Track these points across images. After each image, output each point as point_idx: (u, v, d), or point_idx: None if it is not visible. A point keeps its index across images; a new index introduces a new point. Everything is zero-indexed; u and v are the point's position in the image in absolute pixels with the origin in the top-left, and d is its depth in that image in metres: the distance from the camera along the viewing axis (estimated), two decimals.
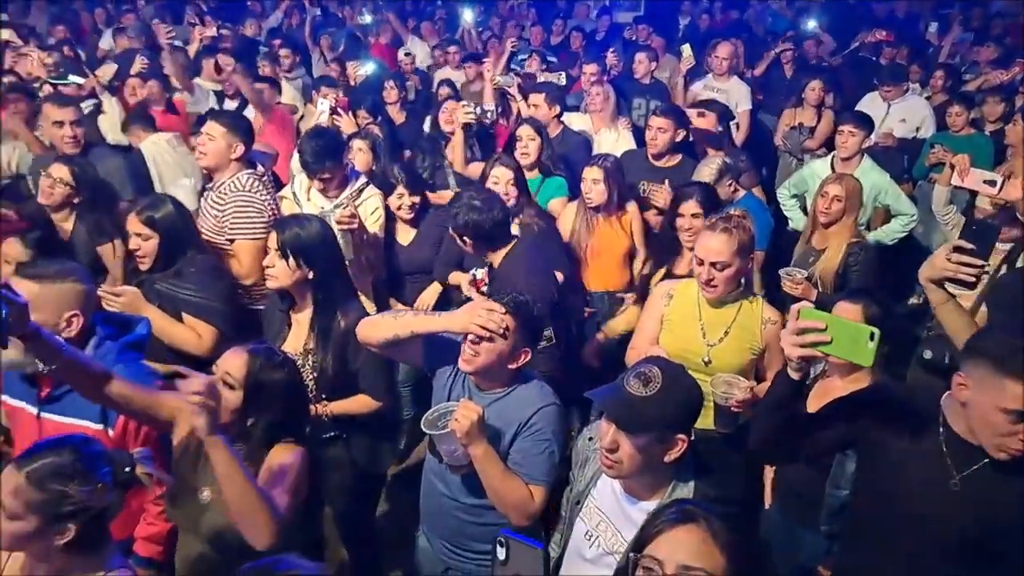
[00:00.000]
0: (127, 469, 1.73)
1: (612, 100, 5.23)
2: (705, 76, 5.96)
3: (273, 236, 2.64)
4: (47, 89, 5.04)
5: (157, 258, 2.87)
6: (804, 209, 4.58)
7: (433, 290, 3.72)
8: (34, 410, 2.24)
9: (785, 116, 5.82)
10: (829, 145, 5.18)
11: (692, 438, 1.83)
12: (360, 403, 2.69)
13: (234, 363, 2.02)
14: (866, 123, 4.42)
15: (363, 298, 3.31)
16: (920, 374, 3.25)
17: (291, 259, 2.59)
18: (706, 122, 4.55)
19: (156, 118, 5.06)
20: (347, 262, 3.20)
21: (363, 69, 6.26)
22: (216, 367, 2.04)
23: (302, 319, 2.69)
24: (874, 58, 7.54)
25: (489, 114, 4.64)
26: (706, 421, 2.52)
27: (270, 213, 3.42)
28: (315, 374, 2.61)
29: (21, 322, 1.74)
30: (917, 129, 5.59)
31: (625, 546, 1.71)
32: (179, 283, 2.87)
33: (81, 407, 2.14)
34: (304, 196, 3.67)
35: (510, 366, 2.21)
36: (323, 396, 2.64)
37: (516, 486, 2.13)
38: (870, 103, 5.66)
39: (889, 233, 4.32)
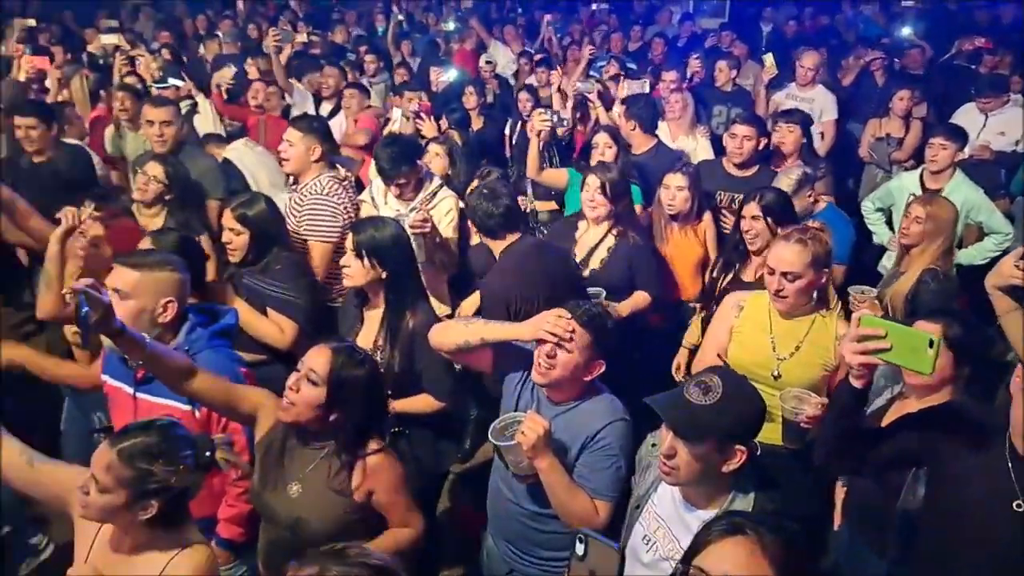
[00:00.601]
0: (207, 453, 1.83)
1: (691, 108, 5.19)
2: (788, 85, 5.83)
3: (350, 237, 2.75)
4: (154, 91, 5.35)
5: (247, 252, 3.04)
6: (890, 223, 4.43)
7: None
8: (131, 390, 2.40)
9: (870, 126, 5.63)
10: (920, 157, 4.98)
11: (758, 451, 1.81)
12: (423, 402, 2.76)
13: (318, 360, 2.08)
14: (958, 136, 4.24)
15: (436, 301, 3.39)
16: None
17: (366, 259, 2.69)
18: (791, 139, 4.37)
19: (268, 123, 5.31)
20: (419, 265, 3.30)
21: (446, 76, 6.38)
22: (301, 363, 2.11)
23: (373, 317, 2.78)
24: (972, 67, 7.20)
25: (565, 122, 4.66)
26: (773, 436, 2.48)
27: (345, 217, 3.54)
28: (382, 371, 2.68)
29: (107, 320, 1.86)
30: (1017, 142, 5.30)
31: (680, 553, 1.71)
32: (264, 278, 3.02)
33: None
34: (382, 200, 3.79)
35: (584, 378, 2.22)
36: (388, 393, 2.71)
37: (581, 500, 2.13)
38: (966, 114, 5.41)
39: (981, 252, 4.12)
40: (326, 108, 5.98)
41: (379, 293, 2.77)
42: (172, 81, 5.59)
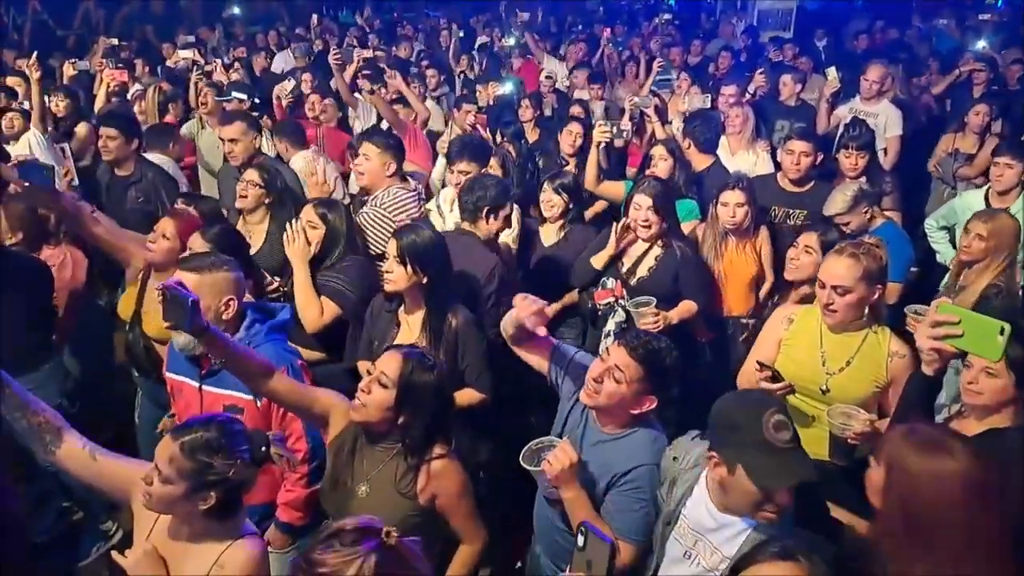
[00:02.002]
0: (262, 448, 1.92)
1: (751, 122, 5.13)
2: (852, 99, 5.73)
3: (392, 243, 2.80)
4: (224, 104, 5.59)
5: (319, 248, 3.18)
6: (954, 243, 4.31)
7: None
8: (196, 384, 2.54)
9: (943, 141, 5.49)
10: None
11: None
12: (467, 396, 2.83)
13: (390, 364, 2.17)
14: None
15: None
16: None
17: (409, 265, 2.74)
18: (862, 164, 4.22)
19: (326, 134, 5.49)
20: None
21: (502, 88, 6.48)
22: (374, 367, 2.20)
23: (413, 320, 2.84)
24: None
25: (625, 134, 4.69)
26: (820, 451, 2.46)
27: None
28: None
29: (194, 318, 1.99)
30: None
31: (725, 562, 1.73)
32: (329, 273, 3.17)
33: (236, 381, 2.35)
34: (447, 208, 3.89)
35: (632, 411, 2.20)
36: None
37: None
38: None
39: None
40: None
41: (418, 297, 2.81)
42: (235, 94, 5.73)
